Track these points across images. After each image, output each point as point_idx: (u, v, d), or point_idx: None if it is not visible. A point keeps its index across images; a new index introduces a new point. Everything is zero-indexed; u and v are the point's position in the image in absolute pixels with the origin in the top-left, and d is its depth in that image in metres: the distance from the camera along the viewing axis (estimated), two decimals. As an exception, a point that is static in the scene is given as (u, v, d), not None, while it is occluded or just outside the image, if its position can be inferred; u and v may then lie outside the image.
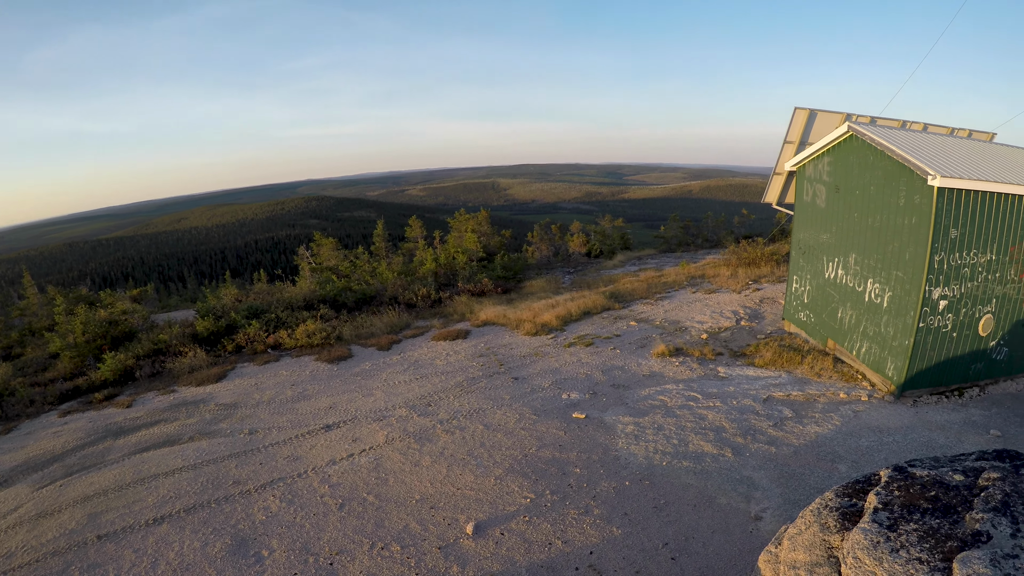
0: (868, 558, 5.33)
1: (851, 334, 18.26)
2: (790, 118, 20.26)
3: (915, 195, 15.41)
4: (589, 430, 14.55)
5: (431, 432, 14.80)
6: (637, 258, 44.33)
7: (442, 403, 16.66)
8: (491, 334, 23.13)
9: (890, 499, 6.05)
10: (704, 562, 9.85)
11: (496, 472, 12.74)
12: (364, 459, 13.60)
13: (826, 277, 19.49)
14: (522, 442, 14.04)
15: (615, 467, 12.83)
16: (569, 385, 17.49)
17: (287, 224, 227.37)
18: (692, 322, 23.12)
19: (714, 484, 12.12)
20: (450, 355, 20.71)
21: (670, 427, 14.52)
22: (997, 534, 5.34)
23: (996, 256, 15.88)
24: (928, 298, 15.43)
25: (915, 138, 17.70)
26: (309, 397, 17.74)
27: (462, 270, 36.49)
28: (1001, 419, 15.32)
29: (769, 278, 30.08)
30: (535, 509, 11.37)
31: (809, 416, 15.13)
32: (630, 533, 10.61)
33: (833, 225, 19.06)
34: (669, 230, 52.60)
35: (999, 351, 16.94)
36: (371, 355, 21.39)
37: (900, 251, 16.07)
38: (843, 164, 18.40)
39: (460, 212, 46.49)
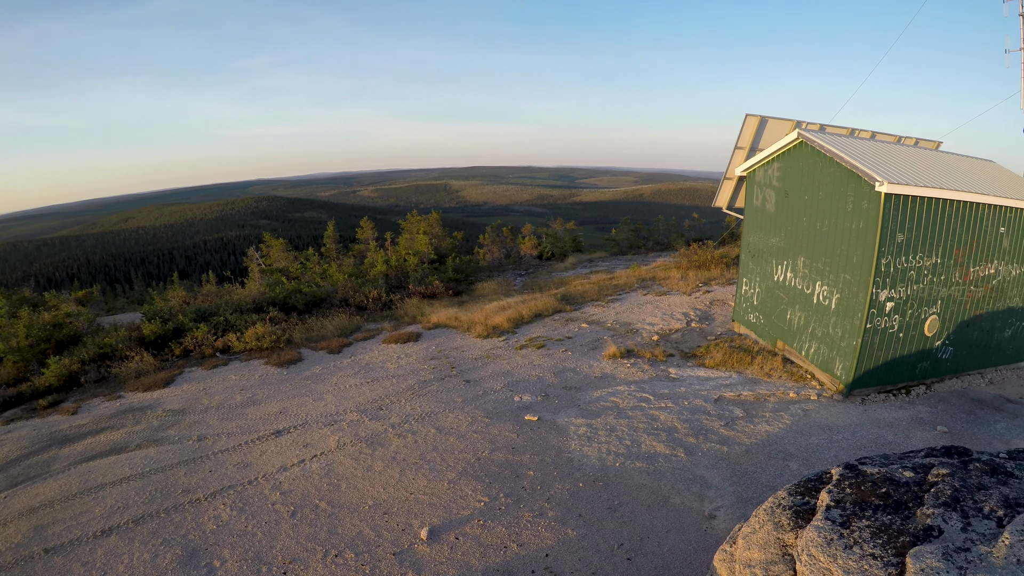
0: (822, 555, 5.44)
1: (800, 335, 18.62)
2: (741, 124, 20.55)
3: (863, 200, 15.81)
4: (542, 432, 14.57)
5: (383, 436, 14.68)
6: (588, 260, 44.56)
7: (394, 407, 16.53)
8: (442, 337, 23.06)
9: (842, 496, 6.18)
10: (660, 562, 9.93)
11: (449, 476, 12.68)
12: (316, 465, 13.41)
13: (775, 280, 19.83)
14: (475, 445, 14.00)
15: (568, 469, 12.86)
16: (521, 387, 17.51)
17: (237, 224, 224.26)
18: (643, 324, 23.30)
19: (667, 484, 12.22)
20: (401, 358, 20.58)
21: (623, 428, 14.62)
22: (948, 528, 5.49)
23: (941, 259, 16.41)
24: (875, 300, 15.86)
25: (863, 145, 18.13)
26: (259, 402, 17.49)
27: (413, 272, 36.32)
28: (947, 416, 15.79)
29: (719, 280, 30.44)
30: (489, 512, 11.34)
31: (760, 415, 15.38)
32: (585, 534, 10.64)
33: (782, 229, 19.41)
34: (620, 233, 52.95)
35: (944, 350, 17.51)
36: (321, 359, 21.16)
37: (848, 254, 16.47)
38: (793, 170, 18.73)
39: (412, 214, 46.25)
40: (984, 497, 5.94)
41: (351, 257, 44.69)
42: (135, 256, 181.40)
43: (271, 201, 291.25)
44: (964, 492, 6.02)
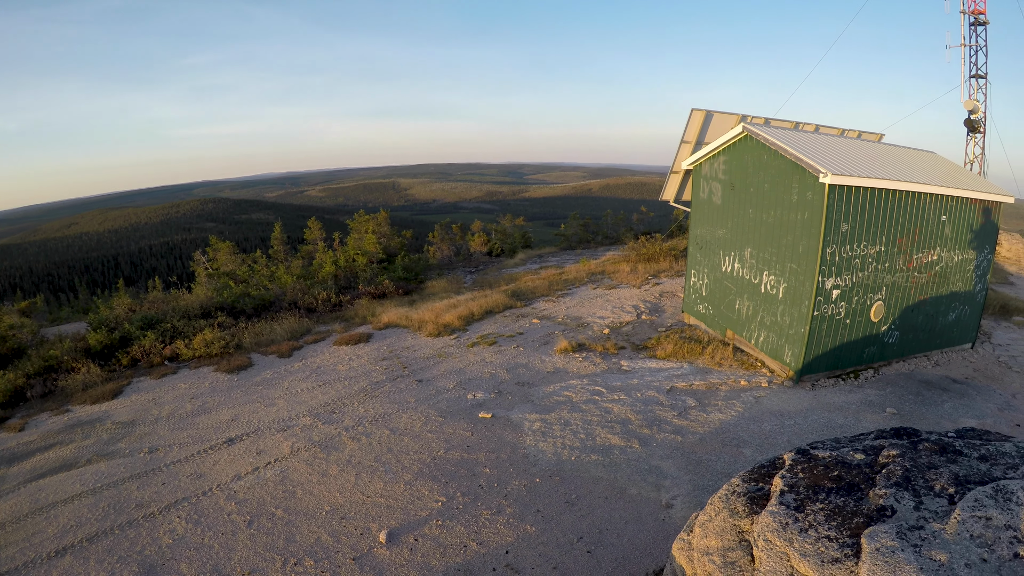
0: (778, 539, 5.53)
1: (749, 324, 18.95)
2: (687, 119, 20.77)
3: (807, 192, 16.14)
4: (496, 429, 14.59)
5: (337, 440, 14.53)
6: (538, 256, 44.63)
7: (347, 409, 16.38)
8: (393, 337, 22.92)
9: (795, 481, 6.29)
10: (620, 553, 10.02)
11: (405, 477, 12.61)
12: (270, 472, 13.21)
13: (723, 271, 20.12)
14: (430, 445, 13.95)
15: (524, 465, 12.89)
16: (474, 385, 17.50)
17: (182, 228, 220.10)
18: (594, 318, 23.44)
19: (624, 475, 12.34)
20: (353, 360, 20.40)
21: (577, 422, 14.70)
22: (901, 508, 5.62)
23: (885, 247, 16.91)
24: (822, 288, 16.23)
25: (807, 138, 18.50)
26: (210, 410, 17.18)
27: (362, 272, 36.08)
28: (896, 397, 16.26)
29: (668, 273, 30.70)
30: (447, 512, 11.32)
31: (712, 404, 15.61)
32: (544, 529, 10.69)
33: (729, 221, 19.70)
34: (569, 228, 53.15)
35: (891, 335, 18.07)
36: (272, 363, 20.86)
37: (794, 244, 16.80)
38: (738, 163, 19.03)
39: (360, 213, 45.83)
40: (935, 476, 6.09)
41: (299, 258, 44.24)
42: (79, 264, 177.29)
43: (217, 203, 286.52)
44: (915, 472, 6.17)
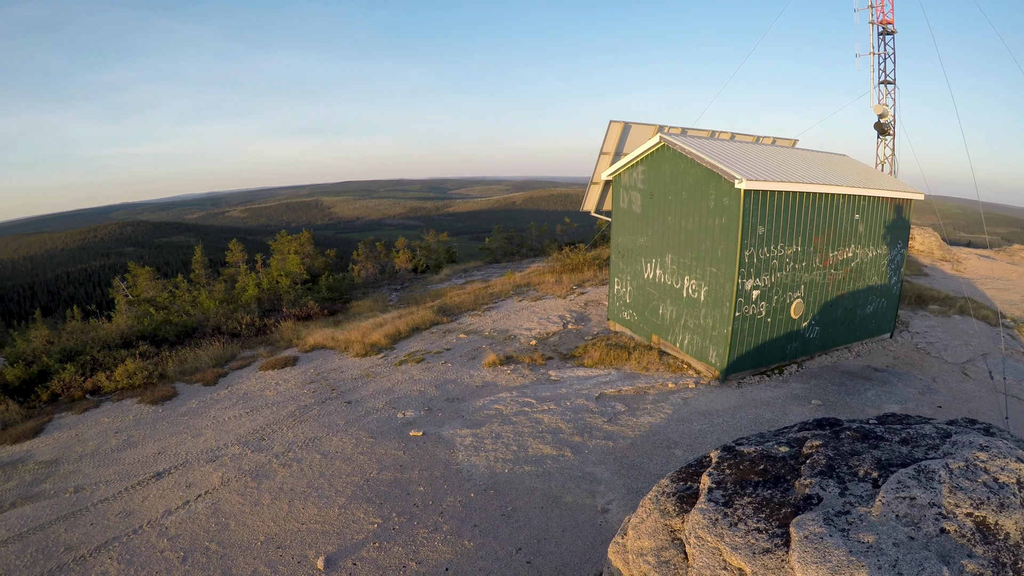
0: (709, 535, 5.61)
1: (673, 328, 19.26)
2: (606, 130, 20.98)
3: (724, 198, 16.56)
4: (428, 447, 14.48)
5: (268, 468, 14.20)
6: (463, 271, 44.62)
7: (276, 436, 16.05)
8: (320, 358, 22.60)
9: (723, 478, 6.39)
10: (559, 560, 10.06)
11: (339, 501, 12.42)
12: (201, 505, 12.83)
13: (646, 277, 20.42)
14: (362, 467, 13.76)
15: (458, 480, 12.83)
16: (404, 403, 17.34)
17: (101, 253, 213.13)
18: (521, 330, 23.50)
19: (558, 484, 12.38)
20: (280, 384, 20.03)
21: (508, 434, 14.70)
22: (827, 495, 5.75)
23: (802, 247, 17.49)
24: (742, 289, 16.65)
25: (723, 146, 19.00)
26: (135, 444, 16.66)
27: (286, 294, 35.59)
28: (820, 390, 16.80)
29: (592, 282, 30.98)
30: (384, 534, 11.18)
31: (642, 408, 15.79)
32: (483, 544, 10.65)
33: (649, 229, 20.01)
34: (494, 241, 53.23)
35: (812, 330, 18.74)
36: (197, 392, 20.30)
37: (713, 249, 17.20)
38: (656, 172, 19.37)
39: (282, 233, 45.25)
40: (858, 462, 6.25)
41: (222, 282, 43.35)
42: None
43: (136, 226, 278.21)
44: (838, 460, 6.32)
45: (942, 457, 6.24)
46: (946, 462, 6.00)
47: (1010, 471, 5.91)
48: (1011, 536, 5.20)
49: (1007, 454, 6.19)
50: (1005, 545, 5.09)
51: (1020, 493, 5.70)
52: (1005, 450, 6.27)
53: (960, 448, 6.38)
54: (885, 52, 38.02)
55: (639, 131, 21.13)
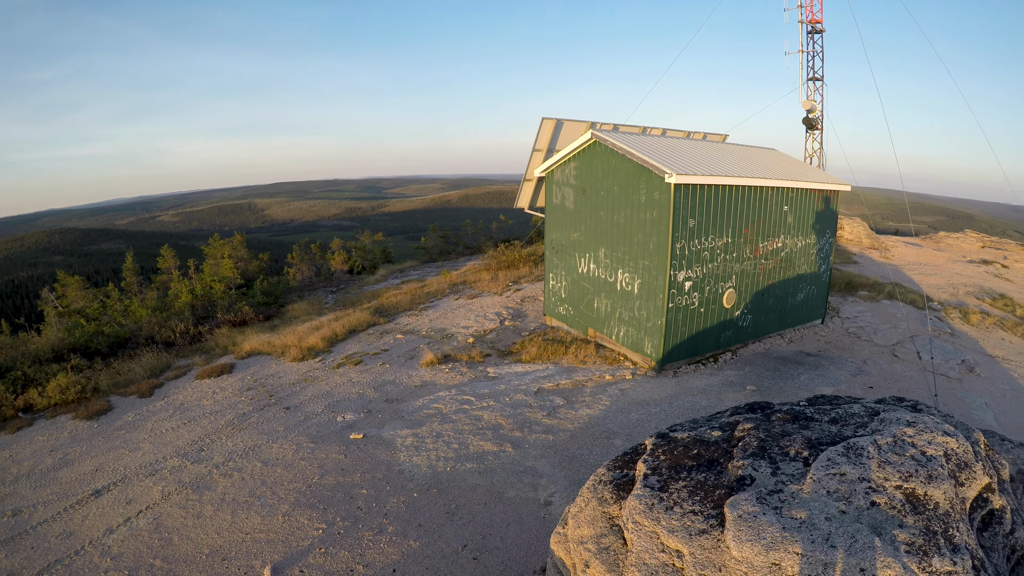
0: (646, 520, 5.68)
1: (609, 321, 19.45)
2: (538, 127, 21.04)
3: (655, 192, 16.79)
4: (369, 449, 14.37)
5: (208, 479, 13.92)
6: (400, 271, 44.35)
7: (215, 446, 15.74)
8: (257, 365, 22.24)
9: (658, 464, 6.49)
10: (505, 555, 10.10)
11: (283, 509, 12.25)
12: (143, 521, 12.50)
13: (580, 272, 20.58)
14: (304, 473, 13.59)
15: (401, 481, 12.76)
16: (343, 407, 17.18)
17: (28, 263, 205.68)
18: (458, 328, 23.47)
19: (500, 480, 12.41)
20: (217, 393, 19.64)
21: (449, 433, 14.67)
22: (759, 475, 5.87)
23: (732, 239, 17.88)
24: (674, 281, 16.90)
25: (653, 142, 19.23)
26: (72, 462, 16.17)
27: (220, 300, 34.94)
28: (754, 375, 17.16)
29: (528, 278, 31.08)
30: (329, 539, 11.07)
31: (580, 401, 15.90)
32: (428, 543, 10.62)
33: (582, 224, 20.16)
34: (430, 240, 53.00)
35: (744, 319, 19.19)
36: (133, 404, 19.77)
37: (645, 242, 17.41)
38: (588, 168, 19.52)
39: (214, 237, 44.25)
40: (789, 443, 6.39)
41: (154, 290, 42.25)
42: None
43: (64, 234, 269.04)
44: (770, 441, 6.45)
45: (871, 434, 6.40)
46: (875, 438, 6.16)
47: (937, 444, 6.10)
48: (941, 506, 5.37)
49: (934, 428, 6.38)
50: (935, 514, 5.26)
51: (948, 465, 5.89)
52: (932, 425, 6.47)
53: (888, 425, 6.55)
54: (814, 50, 39.14)
55: (571, 128, 21.25)
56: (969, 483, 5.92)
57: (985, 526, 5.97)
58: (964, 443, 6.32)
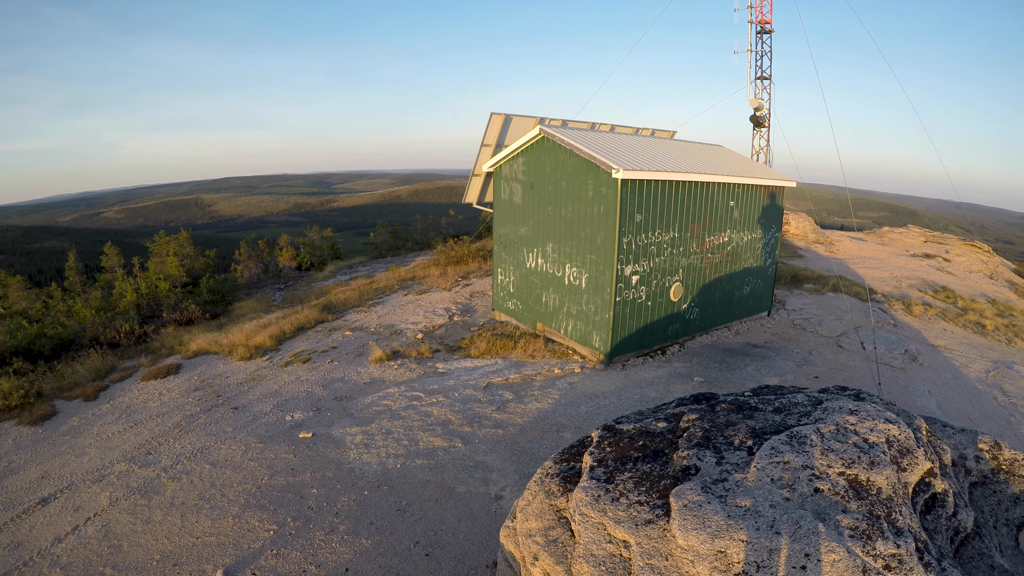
0: (593, 511, 5.70)
1: (557, 315, 19.54)
2: (487, 123, 21.02)
3: (602, 187, 16.90)
4: (319, 448, 14.24)
5: (157, 483, 13.64)
6: (348, 267, 44.03)
7: (163, 449, 15.42)
8: (204, 365, 21.87)
9: (604, 455, 6.52)
10: (457, 550, 10.10)
11: (233, 511, 12.08)
12: (92, 528, 12.21)
13: (528, 267, 20.62)
14: (253, 474, 13.41)
15: (351, 479, 12.67)
16: (292, 405, 17.00)
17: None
18: (407, 324, 23.36)
19: (451, 475, 12.39)
20: (163, 394, 19.25)
21: (398, 430, 14.60)
22: (704, 465, 5.92)
23: (679, 233, 18.13)
24: (621, 275, 17.04)
25: (602, 138, 19.36)
26: (17, 470, 15.71)
27: (166, 299, 34.28)
28: (702, 367, 17.37)
29: (477, 273, 31.08)
30: (281, 540, 10.94)
31: (529, 395, 15.93)
32: (380, 541, 10.56)
33: (530, 219, 20.21)
34: (379, 236, 52.69)
35: (692, 312, 19.47)
36: (78, 408, 19.27)
37: (592, 237, 17.52)
38: (536, 163, 19.57)
39: (160, 234, 43.43)
40: (733, 432, 6.46)
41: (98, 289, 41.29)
42: None
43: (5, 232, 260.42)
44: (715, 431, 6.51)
45: (814, 423, 6.50)
46: (817, 427, 6.25)
47: (879, 431, 6.20)
48: (883, 491, 5.46)
49: (876, 416, 6.49)
50: (878, 499, 5.35)
51: (890, 451, 6.00)
52: (874, 412, 6.58)
53: (831, 413, 6.65)
54: (762, 50, 39.89)
55: (520, 123, 21.26)
56: (911, 468, 6.03)
57: (928, 509, 6.09)
58: (906, 430, 6.44)
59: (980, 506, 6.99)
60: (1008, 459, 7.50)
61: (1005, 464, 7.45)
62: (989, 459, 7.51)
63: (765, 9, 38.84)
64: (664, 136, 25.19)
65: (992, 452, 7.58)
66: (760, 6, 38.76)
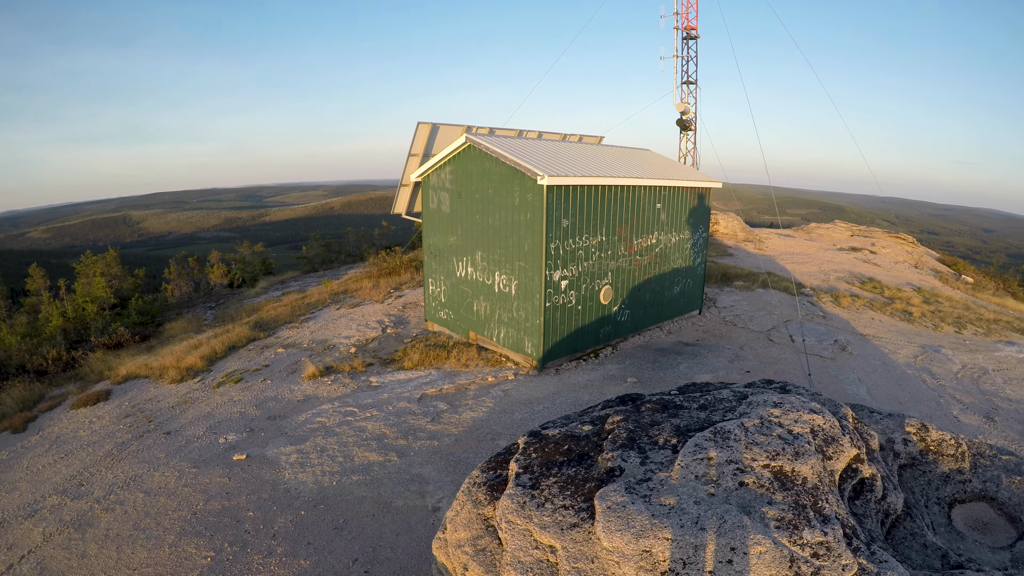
0: (519, 518, 5.68)
1: (489, 323, 19.60)
2: (414, 132, 20.95)
3: (528, 194, 17.02)
4: (253, 469, 13.99)
5: (90, 515, 13.24)
6: (281, 282, 43.51)
7: (95, 479, 14.97)
8: (135, 389, 21.31)
9: (529, 462, 6.51)
10: (396, 565, 10.04)
11: (169, 539, 11.77)
12: (27, 567, 11.78)
13: (459, 276, 20.65)
14: (188, 500, 13.10)
15: (287, 500, 12.49)
16: (225, 427, 16.68)
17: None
18: (340, 338, 23.15)
19: (387, 490, 12.29)
20: (94, 422, 18.69)
21: (333, 447, 14.44)
22: (628, 466, 5.95)
23: (606, 237, 18.37)
24: (550, 280, 17.19)
25: (528, 145, 19.51)
26: None
27: (94, 322, 33.37)
28: (635, 368, 17.57)
29: (410, 284, 30.95)
30: (218, 567, 10.71)
31: (464, 404, 15.91)
32: (319, 561, 10.43)
33: (459, 228, 20.24)
34: (311, 249, 52.19)
35: (623, 314, 19.74)
36: (6, 441, 18.53)
37: (520, 244, 17.64)
38: (463, 172, 19.61)
39: (87, 254, 42.34)
40: (658, 431, 6.50)
41: (23, 314, 40.07)
42: None
43: None
44: (639, 431, 6.55)
45: (738, 417, 6.57)
46: (741, 421, 6.32)
47: (804, 422, 6.30)
48: (809, 480, 5.54)
49: (800, 407, 6.59)
50: (804, 489, 5.43)
51: (815, 441, 6.09)
52: (798, 404, 6.68)
53: (755, 407, 6.73)
54: (688, 55, 40.81)
55: (447, 132, 21.26)
56: (837, 456, 6.14)
57: (857, 495, 6.21)
58: (831, 419, 6.55)
59: (911, 487, 7.15)
60: (936, 440, 7.68)
61: (933, 445, 7.64)
62: (917, 441, 7.68)
63: (691, 16, 39.65)
64: (592, 141, 25.45)
65: (920, 434, 7.76)
66: (686, 13, 39.61)
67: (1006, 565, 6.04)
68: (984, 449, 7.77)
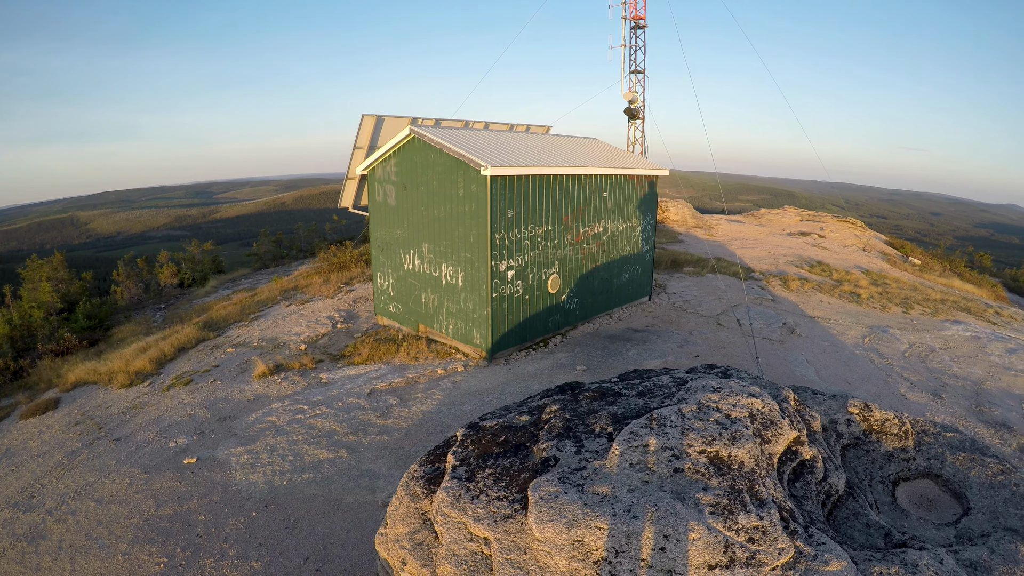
0: (454, 511, 5.69)
1: (437, 315, 19.58)
2: (359, 125, 20.82)
3: (472, 185, 16.99)
4: (204, 472, 13.85)
5: (42, 527, 13.01)
6: (231, 280, 42.98)
7: (46, 490, 14.70)
8: (84, 396, 20.93)
9: (466, 454, 6.51)
10: (347, 562, 10.04)
11: (121, 548, 11.62)
12: None
13: (406, 269, 20.57)
14: (139, 507, 12.93)
15: (238, 501, 12.40)
16: (174, 431, 16.47)
17: None
18: (290, 335, 22.96)
19: (338, 487, 12.26)
20: (43, 432, 18.34)
21: (283, 446, 14.34)
22: (563, 455, 5.97)
23: (552, 226, 18.37)
24: (496, 271, 17.19)
25: (473, 135, 19.47)
26: None
27: (41, 328, 32.74)
28: (584, 355, 17.65)
29: (360, 278, 30.79)
30: (171, 573, 10.59)
31: (413, 398, 15.87)
32: (271, 561, 10.38)
33: (405, 220, 20.16)
34: (261, 246, 51.58)
35: (571, 302, 19.83)
36: None
37: (465, 235, 17.63)
38: (408, 164, 19.51)
39: (32, 258, 41.47)
40: (595, 420, 6.52)
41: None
42: None
43: None
44: (576, 420, 6.57)
45: (676, 403, 6.62)
46: (679, 407, 6.36)
47: (742, 407, 6.36)
48: (746, 464, 5.59)
49: (739, 392, 6.65)
50: (740, 473, 5.48)
51: (753, 425, 6.15)
52: (737, 388, 6.74)
53: (694, 393, 6.79)
54: (636, 44, 40.93)
55: (393, 124, 21.16)
56: (776, 439, 6.21)
57: (797, 477, 6.28)
58: (770, 402, 6.62)
59: (854, 467, 7.26)
60: (879, 419, 7.81)
61: (876, 424, 7.77)
62: (860, 421, 7.81)
63: (639, 5, 39.77)
64: (539, 131, 25.47)
65: (863, 414, 7.88)
66: (634, 3, 39.70)
67: (951, 541, 6.15)
68: (928, 427, 7.92)
